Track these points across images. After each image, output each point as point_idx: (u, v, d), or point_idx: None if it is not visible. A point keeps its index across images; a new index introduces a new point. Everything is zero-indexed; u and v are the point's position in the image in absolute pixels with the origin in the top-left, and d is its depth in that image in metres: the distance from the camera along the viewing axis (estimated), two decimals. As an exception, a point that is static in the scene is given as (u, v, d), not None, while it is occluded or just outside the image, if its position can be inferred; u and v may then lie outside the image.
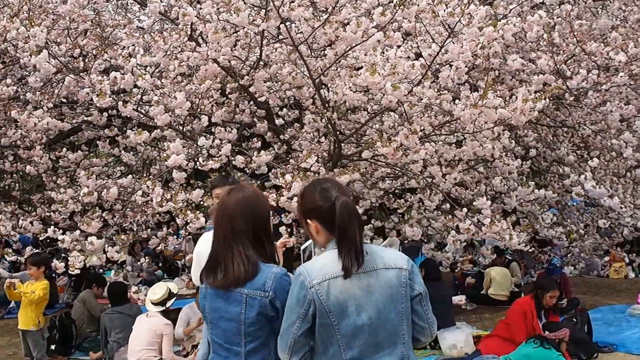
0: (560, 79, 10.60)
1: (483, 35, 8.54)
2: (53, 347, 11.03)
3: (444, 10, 8.48)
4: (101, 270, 13.86)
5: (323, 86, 9.91)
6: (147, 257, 16.15)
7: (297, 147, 10.66)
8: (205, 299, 4.23)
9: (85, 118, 11.76)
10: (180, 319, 10.72)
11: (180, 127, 10.22)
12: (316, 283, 3.82)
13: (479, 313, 14.02)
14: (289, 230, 10.76)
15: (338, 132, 10.13)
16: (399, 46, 8.94)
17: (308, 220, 4.07)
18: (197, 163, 9.60)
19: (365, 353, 3.86)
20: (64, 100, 11.67)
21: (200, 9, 9.14)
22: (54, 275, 14.40)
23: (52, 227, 10.41)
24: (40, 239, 11.35)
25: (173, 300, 9.96)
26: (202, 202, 9.16)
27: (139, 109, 10.03)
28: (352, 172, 9.39)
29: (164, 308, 9.76)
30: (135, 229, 13.30)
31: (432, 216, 11.77)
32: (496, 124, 9.03)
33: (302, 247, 5.24)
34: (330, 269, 3.85)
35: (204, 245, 6.40)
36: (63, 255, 11.01)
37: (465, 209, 10.56)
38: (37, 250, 11.61)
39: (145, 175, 11.30)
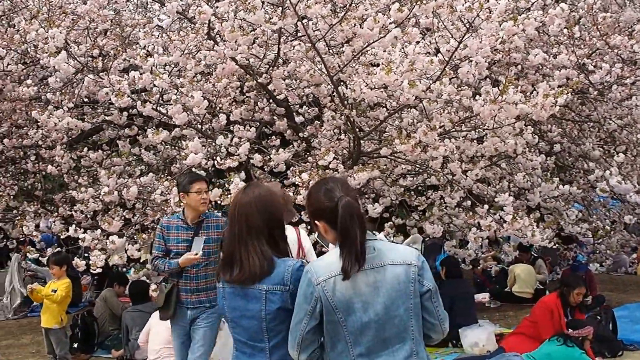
0: (583, 74, 10.49)
1: (503, 30, 8.45)
2: (75, 345, 11.06)
3: (462, 5, 8.40)
4: (124, 269, 13.85)
5: (341, 83, 9.86)
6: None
7: (316, 144, 10.61)
8: (224, 298, 4.24)
9: (106, 118, 11.78)
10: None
11: (199, 126, 10.20)
12: (322, 280, 3.83)
13: (503, 311, 13.91)
14: (308, 228, 10.71)
15: (357, 129, 10.08)
16: (417, 42, 8.88)
17: (316, 221, 4.07)
18: (216, 162, 9.58)
19: (373, 349, 3.86)
20: (86, 100, 11.69)
21: (217, 7, 9.12)
22: (79, 274, 14.40)
23: (74, 226, 10.43)
24: (62, 237, 11.38)
25: None
26: (220, 202, 9.12)
27: (159, 108, 10.02)
28: (371, 169, 9.34)
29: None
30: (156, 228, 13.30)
31: (453, 213, 11.69)
32: (517, 120, 8.96)
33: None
34: (336, 266, 3.85)
35: None
36: (85, 254, 11.01)
37: (486, 206, 10.49)
38: (58, 249, 11.64)
39: (164, 174, 11.30)
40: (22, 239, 14.91)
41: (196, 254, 7.48)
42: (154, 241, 7.89)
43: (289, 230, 6.45)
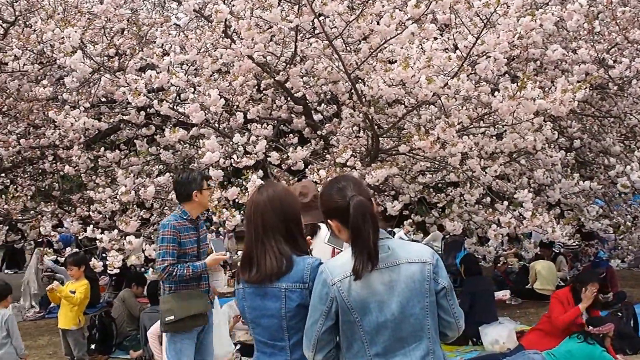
0: (602, 69, 10.41)
1: (520, 25, 8.40)
2: (93, 346, 11.04)
3: (479, 1, 8.34)
4: (142, 270, 13.84)
5: (359, 80, 9.82)
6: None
7: (334, 142, 10.56)
8: (244, 299, 4.22)
9: (123, 117, 11.76)
10: (222, 317, 10.68)
11: (216, 125, 10.17)
12: (337, 280, 3.82)
13: (524, 308, 13.86)
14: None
15: (376, 126, 10.03)
16: (435, 38, 8.84)
17: (329, 220, 4.05)
18: (233, 160, 9.55)
19: (389, 349, 3.84)
20: (104, 99, 11.68)
21: (233, 6, 9.09)
22: (97, 275, 14.37)
23: (92, 226, 10.41)
24: (79, 238, 11.37)
25: None
26: (238, 200, 9.08)
27: (176, 107, 10.00)
28: (389, 166, 9.30)
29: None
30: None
31: (473, 210, 11.62)
32: (536, 116, 8.90)
33: None
34: (351, 266, 3.83)
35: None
36: (103, 255, 11.00)
37: (506, 202, 10.44)
38: (76, 250, 11.63)
39: (181, 173, 11.28)
40: (40, 240, 14.90)
41: (224, 254, 7.41)
42: (164, 247, 7.28)
43: (325, 229, 6.43)
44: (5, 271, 22.12)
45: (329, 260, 4.08)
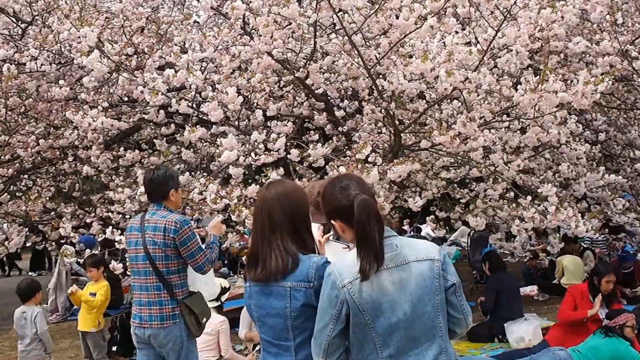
0: (626, 61, 10.28)
1: (541, 17, 8.30)
2: (115, 348, 10.99)
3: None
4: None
5: (380, 76, 9.73)
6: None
7: (356, 138, 10.48)
8: (250, 297, 4.19)
9: (144, 116, 11.70)
10: (242, 319, 10.58)
11: (236, 123, 10.11)
12: (347, 282, 3.74)
13: (551, 304, 13.74)
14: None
15: (397, 122, 9.94)
16: (456, 32, 8.75)
17: (332, 221, 3.98)
18: (251, 158, 9.47)
19: (402, 349, 3.78)
20: (126, 98, 11.62)
21: (250, 2, 9.03)
22: (119, 277, 14.32)
23: (111, 227, 10.36)
24: (99, 240, 11.32)
25: (227, 294, 9.85)
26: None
27: (196, 105, 9.94)
28: (411, 162, 9.21)
29: (218, 303, 9.61)
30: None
31: (497, 205, 11.52)
32: (559, 109, 8.80)
33: None
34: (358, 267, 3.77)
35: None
36: (125, 256, 10.96)
37: (529, 197, 10.34)
38: (94, 252, 11.60)
39: (200, 172, 11.22)
40: (62, 242, 14.85)
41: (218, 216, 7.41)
42: (197, 241, 6.96)
43: None
44: (30, 273, 22.24)
45: (335, 261, 3.99)
